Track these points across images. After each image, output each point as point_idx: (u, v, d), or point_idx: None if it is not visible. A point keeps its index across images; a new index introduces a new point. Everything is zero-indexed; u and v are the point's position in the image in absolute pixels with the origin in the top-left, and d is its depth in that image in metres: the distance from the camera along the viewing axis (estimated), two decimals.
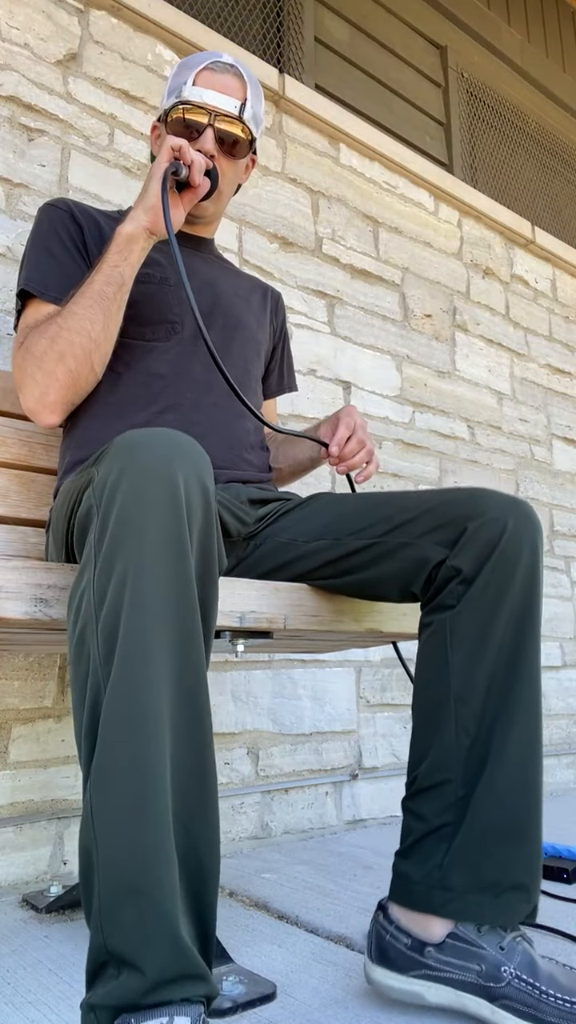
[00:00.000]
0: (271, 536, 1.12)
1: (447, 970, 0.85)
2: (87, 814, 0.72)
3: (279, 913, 1.26)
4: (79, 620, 0.77)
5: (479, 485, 2.46)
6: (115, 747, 0.70)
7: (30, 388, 1.09)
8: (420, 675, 0.96)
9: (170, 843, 0.70)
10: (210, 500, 0.79)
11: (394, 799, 2.00)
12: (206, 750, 0.76)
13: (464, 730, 0.90)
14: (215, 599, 0.81)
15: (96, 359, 1.10)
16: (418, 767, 0.93)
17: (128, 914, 0.68)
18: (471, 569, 0.92)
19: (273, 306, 1.44)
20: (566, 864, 1.46)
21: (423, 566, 0.96)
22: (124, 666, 0.71)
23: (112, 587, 0.73)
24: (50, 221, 1.21)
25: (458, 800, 0.89)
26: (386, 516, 1.01)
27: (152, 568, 0.72)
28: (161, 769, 0.71)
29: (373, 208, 2.38)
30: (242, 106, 1.20)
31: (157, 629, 0.72)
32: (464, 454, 2.46)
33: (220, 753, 1.71)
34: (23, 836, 1.41)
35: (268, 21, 2.29)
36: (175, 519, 0.74)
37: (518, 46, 3.15)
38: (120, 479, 0.75)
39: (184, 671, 0.74)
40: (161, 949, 0.67)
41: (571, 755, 2.52)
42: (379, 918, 0.92)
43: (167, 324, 1.20)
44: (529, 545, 0.92)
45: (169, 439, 0.78)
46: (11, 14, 1.68)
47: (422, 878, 0.88)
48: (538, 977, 0.82)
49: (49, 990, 0.96)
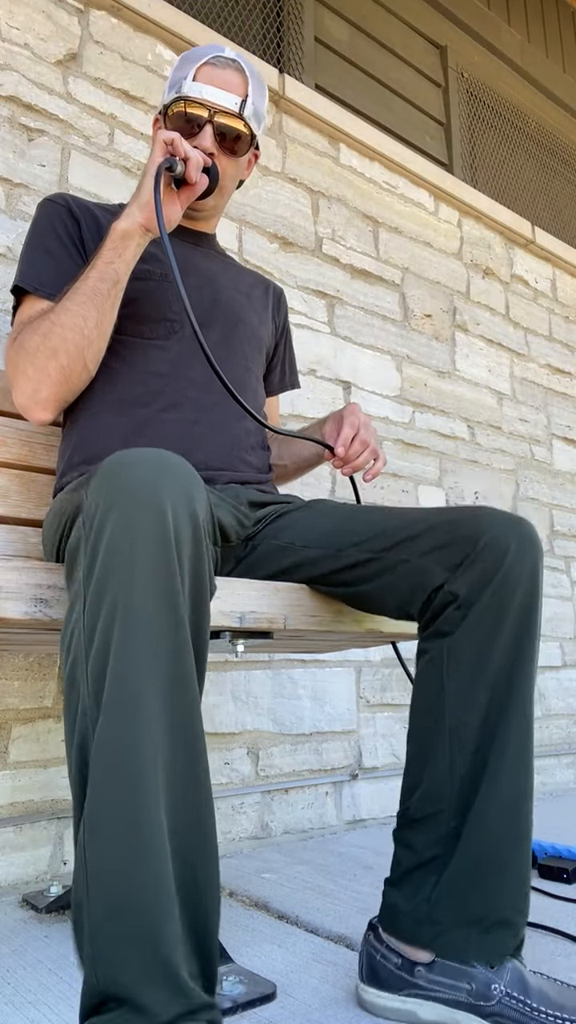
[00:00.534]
0: (269, 538, 1.12)
1: (437, 989, 0.86)
2: (80, 856, 0.70)
3: (279, 913, 1.26)
4: (70, 655, 0.75)
5: (479, 485, 2.46)
6: (106, 791, 0.68)
7: (22, 384, 1.09)
8: (416, 703, 0.96)
9: (169, 884, 0.68)
10: (199, 524, 0.77)
11: (394, 799, 2.00)
12: (202, 787, 0.73)
13: (457, 763, 0.89)
14: (206, 631, 0.79)
15: (89, 356, 1.09)
16: (410, 797, 0.93)
17: (127, 958, 0.66)
18: (469, 595, 0.91)
19: (275, 302, 1.43)
20: (566, 864, 1.46)
21: (422, 587, 0.95)
22: (113, 708, 0.69)
23: (101, 623, 0.71)
24: (47, 217, 1.20)
25: (449, 832, 0.89)
26: (387, 531, 0.99)
27: (141, 603, 0.70)
28: (155, 810, 0.68)
29: (373, 208, 2.38)
30: (243, 102, 1.18)
31: (147, 668, 0.70)
32: (464, 454, 2.46)
33: (220, 753, 1.71)
34: (23, 836, 1.41)
35: (268, 21, 2.29)
36: (164, 550, 0.72)
37: (518, 46, 3.15)
38: (108, 511, 0.73)
39: (177, 709, 0.72)
40: (162, 991, 0.65)
41: (571, 755, 2.52)
42: (370, 939, 0.93)
43: (166, 322, 1.19)
44: (530, 569, 0.91)
45: (156, 462, 0.76)
46: (11, 14, 1.68)
47: (410, 910, 0.89)
48: (528, 994, 0.82)
49: (49, 990, 0.96)
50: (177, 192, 1.10)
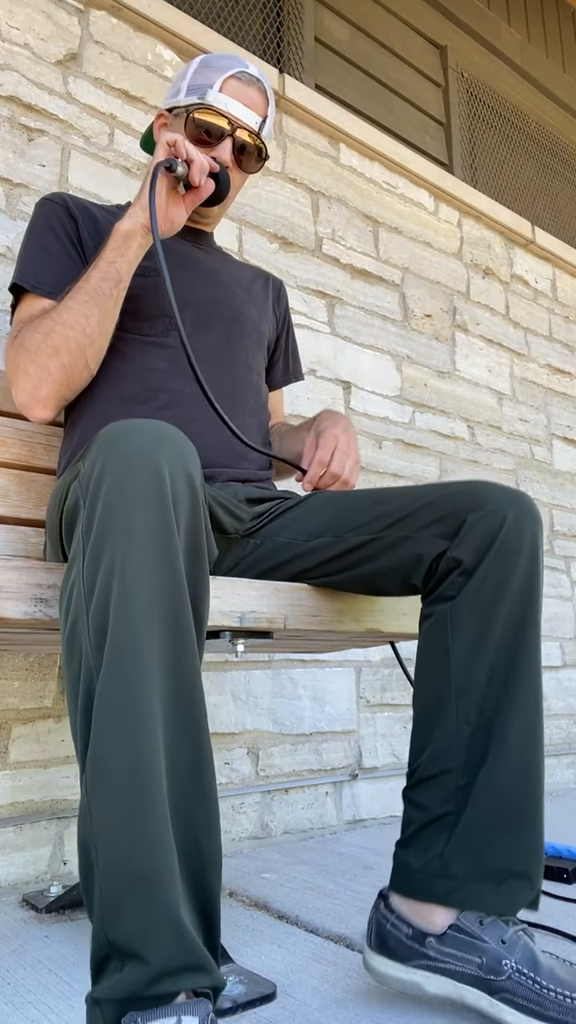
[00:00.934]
0: (270, 536, 1.12)
1: (448, 961, 0.85)
2: (84, 807, 0.71)
3: (279, 913, 1.26)
4: (70, 613, 0.77)
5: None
6: (108, 738, 0.70)
7: (22, 382, 1.09)
8: (421, 666, 0.96)
9: (168, 832, 0.70)
10: (196, 488, 0.79)
11: (394, 799, 2.00)
12: (201, 739, 0.76)
13: (465, 720, 0.90)
14: (206, 587, 0.81)
15: (90, 355, 1.10)
16: (419, 757, 0.93)
17: (129, 905, 0.68)
18: (471, 560, 0.91)
19: (275, 295, 1.44)
20: (566, 864, 1.46)
21: (424, 558, 0.96)
22: (115, 656, 0.71)
23: (100, 579, 0.73)
24: (46, 216, 1.21)
25: (459, 789, 0.89)
26: (386, 511, 1.01)
27: (139, 558, 0.72)
28: (156, 759, 0.70)
29: (373, 208, 2.38)
30: (262, 123, 1.21)
31: (146, 619, 0.72)
32: (464, 454, 2.46)
33: (220, 753, 1.71)
34: (23, 836, 1.41)
35: (268, 21, 2.29)
36: (161, 508, 0.74)
37: (518, 46, 3.15)
38: (105, 470, 0.75)
39: (175, 660, 0.74)
40: (164, 938, 0.67)
41: (571, 755, 2.52)
42: (380, 907, 0.92)
43: (165, 318, 1.20)
44: (529, 536, 0.92)
45: (153, 428, 0.78)
46: (11, 14, 1.69)
47: (423, 867, 0.88)
48: (539, 971, 0.82)
49: (49, 990, 0.96)
50: (183, 195, 1.10)
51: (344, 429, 1.21)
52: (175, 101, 1.22)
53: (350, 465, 1.17)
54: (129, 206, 1.32)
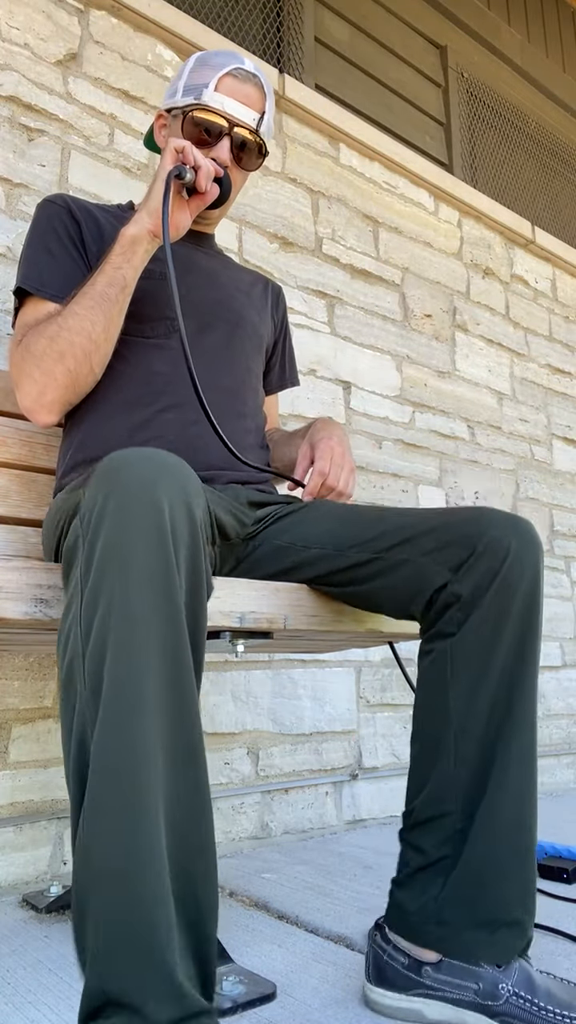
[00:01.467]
0: (270, 538, 1.12)
1: (445, 989, 0.86)
2: (80, 857, 0.69)
3: (279, 913, 1.26)
4: (67, 654, 0.75)
5: (479, 485, 2.46)
6: (105, 790, 0.68)
7: (28, 387, 1.09)
8: (420, 704, 0.95)
9: (166, 886, 0.68)
10: (196, 526, 0.77)
11: (394, 799, 2.00)
12: (202, 787, 0.73)
13: (463, 762, 0.89)
14: (203, 628, 0.78)
15: (96, 360, 1.09)
16: (416, 798, 0.93)
17: (125, 958, 0.66)
18: (472, 595, 0.91)
19: (274, 300, 1.44)
20: (566, 864, 1.46)
21: (424, 588, 0.95)
22: (111, 708, 0.69)
23: (98, 620, 0.71)
24: (48, 218, 1.20)
25: (456, 833, 0.89)
26: (388, 531, 1.00)
27: (138, 600, 0.70)
28: (154, 810, 0.68)
29: (373, 208, 2.38)
30: (260, 119, 1.20)
31: (144, 664, 0.69)
32: (464, 454, 2.46)
33: (220, 753, 1.71)
34: (23, 836, 1.41)
35: (268, 21, 2.29)
36: (161, 547, 0.72)
37: (518, 46, 3.15)
38: (105, 507, 0.73)
39: (174, 706, 0.71)
40: (159, 994, 0.65)
41: (571, 755, 2.52)
42: (376, 938, 0.93)
43: (167, 320, 1.19)
44: (531, 569, 0.91)
45: (154, 461, 0.76)
46: (11, 14, 1.69)
47: (417, 910, 0.89)
48: (536, 993, 0.82)
49: (49, 990, 0.96)
50: (188, 200, 1.10)
51: (339, 440, 1.20)
52: (173, 102, 1.22)
53: (345, 477, 1.17)
54: (131, 206, 1.32)
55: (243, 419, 1.24)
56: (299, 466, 1.20)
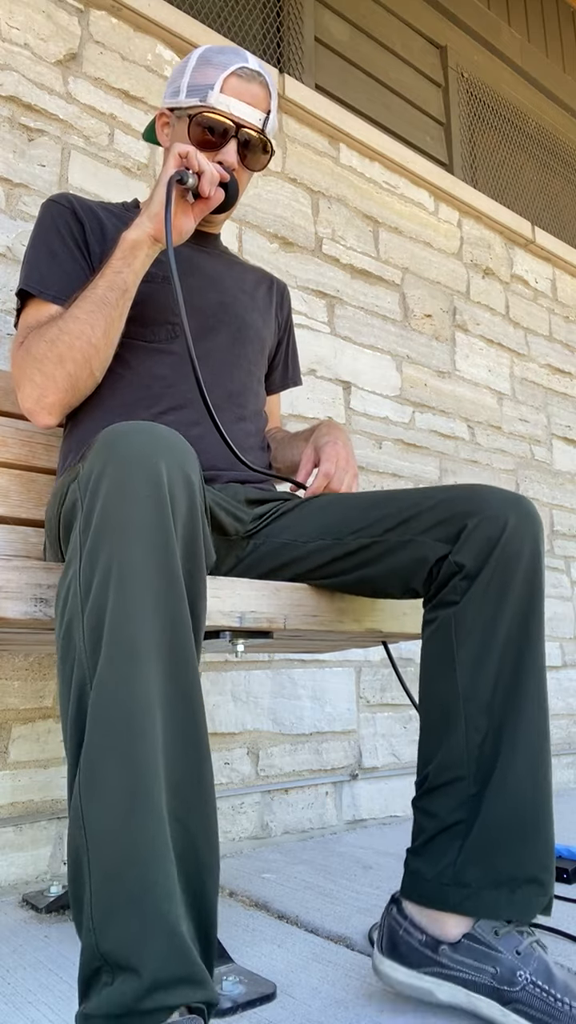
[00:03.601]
0: (270, 536, 1.12)
1: (461, 970, 0.85)
2: (76, 813, 0.69)
3: (279, 913, 1.26)
4: (65, 614, 0.76)
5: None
6: (104, 740, 0.69)
7: (28, 389, 1.09)
8: (426, 673, 0.95)
9: (165, 840, 0.68)
10: (194, 491, 0.78)
11: (394, 799, 2.01)
12: (200, 743, 0.74)
13: (474, 727, 0.90)
14: (203, 590, 0.80)
15: (96, 364, 1.10)
16: (428, 765, 0.93)
17: (122, 914, 0.65)
18: (473, 565, 0.92)
19: (279, 299, 1.43)
20: (566, 864, 1.46)
21: (425, 562, 0.96)
22: (111, 657, 0.70)
23: (97, 579, 0.72)
24: (52, 218, 1.20)
25: (470, 797, 0.89)
26: (386, 514, 1.01)
27: (136, 559, 0.71)
28: (153, 764, 0.69)
29: (373, 208, 2.38)
30: (266, 119, 1.19)
31: (143, 620, 0.71)
32: (464, 454, 2.46)
33: (220, 753, 1.71)
34: (23, 836, 1.41)
35: (268, 21, 2.29)
36: (159, 510, 0.73)
37: (518, 46, 3.15)
38: (104, 472, 0.75)
39: (173, 662, 0.73)
40: (158, 949, 0.65)
41: (571, 755, 2.52)
42: (392, 912, 0.91)
43: (168, 325, 1.19)
44: (530, 541, 0.92)
45: (152, 431, 0.78)
46: (11, 14, 1.68)
47: (435, 875, 0.88)
48: (553, 984, 0.82)
49: (49, 990, 0.96)
50: (192, 205, 1.10)
51: (344, 444, 1.21)
52: (176, 102, 1.20)
53: (348, 481, 1.18)
54: (136, 204, 1.32)
55: (244, 422, 1.24)
56: (302, 469, 1.20)
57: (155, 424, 0.79)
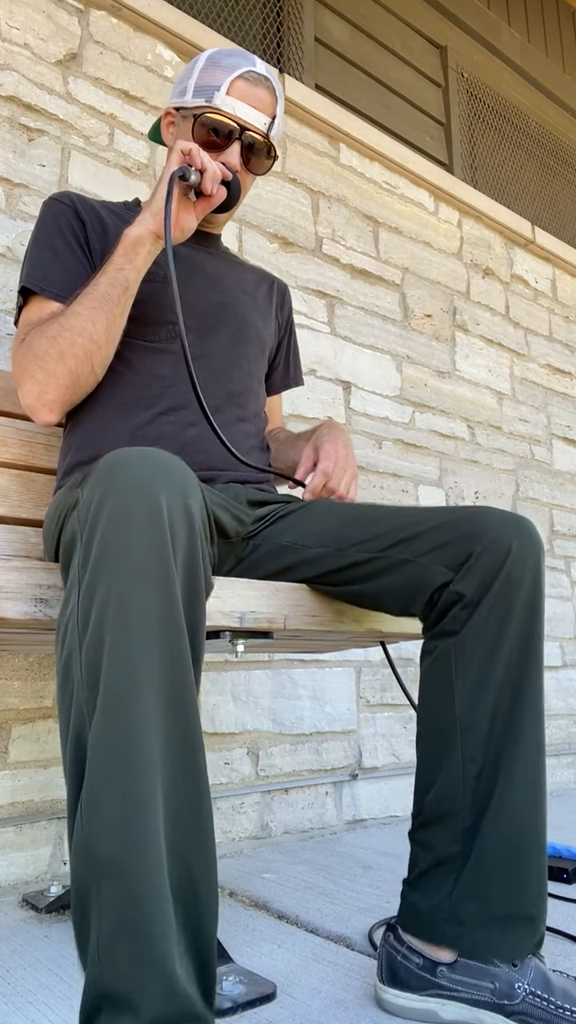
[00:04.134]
0: (270, 538, 1.12)
1: (460, 989, 0.85)
2: (77, 852, 0.69)
3: (279, 913, 1.26)
4: (64, 648, 0.75)
5: (479, 485, 2.46)
6: (104, 781, 0.68)
7: (29, 386, 1.09)
8: (424, 703, 0.95)
9: (164, 879, 0.68)
10: (194, 522, 0.77)
11: (394, 799, 2.01)
12: (199, 778, 0.73)
13: (471, 759, 0.89)
14: (202, 624, 0.78)
15: (97, 361, 1.09)
16: (424, 797, 0.93)
17: (122, 952, 0.65)
18: (475, 594, 0.91)
19: (279, 299, 1.43)
20: (566, 864, 1.46)
21: (425, 586, 0.95)
22: (109, 694, 0.69)
23: (95, 613, 0.71)
24: (53, 217, 1.20)
25: (466, 830, 0.89)
26: (388, 530, 1.00)
27: (135, 592, 0.70)
28: (152, 802, 0.68)
29: (373, 208, 2.38)
30: (271, 123, 1.19)
31: (142, 656, 0.69)
32: (464, 454, 2.46)
33: (220, 753, 1.71)
34: (23, 836, 1.41)
35: (268, 21, 2.29)
36: (158, 542, 0.72)
37: (518, 46, 3.14)
38: (103, 503, 0.73)
39: (172, 699, 0.71)
40: (156, 991, 0.65)
41: (571, 755, 2.52)
42: (389, 939, 0.92)
43: (169, 325, 1.19)
44: (532, 567, 0.91)
45: (152, 459, 0.76)
46: (11, 14, 1.68)
47: (431, 910, 0.88)
48: (552, 992, 0.82)
49: (49, 990, 0.96)
50: (194, 203, 1.10)
51: (344, 444, 1.21)
52: (182, 101, 1.20)
53: (347, 481, 1.18)
54: (136, 203, 1.32)
55: (244, 423, 1.24)
56: (301, 467, 1.20)
57: (156, 451, 0.78)
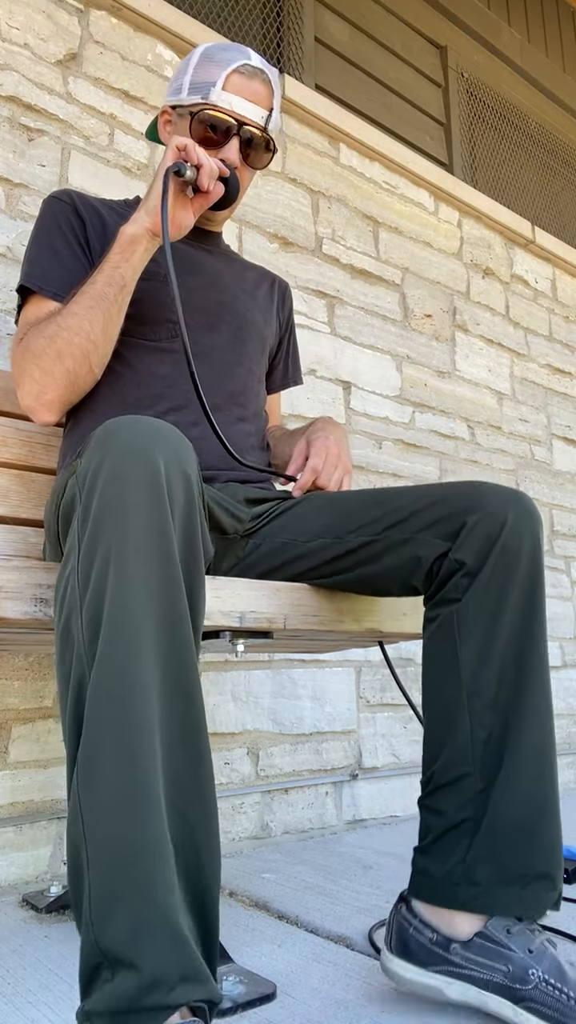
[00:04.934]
0: (269, 536, 1.12)
1: (472, 968, 0.84)
2: (75, 806, 0.69)
3: (279, 913, 1.26)
4: (64, 608, 0.76)
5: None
6: (101, 731, 0.68)
7: (28, 386, 1.09)
8: (429, 671, 0.95)
9: (164, 832, 0.67)
10: (191, 484, 0.78)
11: (394, 799, 2.01)
12: (199, 733, 0.74)
13: (479, 724, 0.89)
14: (201, 582, 0.79)
15: (95, 360, 1.09)
16: (434, 764, 0.92)
17: (121, 909, 0.65)
18: (474, 562, 0.91)
19: (280, 298, 1.43)
20: (566, 864, 1.46)
21: (424, 558, 0.96)
22: (109, 648, 0.70)
23: (95, 571, 0.72)
24: (53, 215, 1.20)
25: (477, 794, 0.88)
26: (385, 512, 1.01)
27: (135, 550, 0.71)
28: (151, 754, 0.68)
29: (373, 208, 2.38)
30: (268, 116, 1.18)
31: (142, 610, 0.70)
32: (464, 454, 2.46)
33: (220, 753, 1.71)
34: (23, 836, 1.41)
35: (268, 21, 2.29)
36: (156, 502, 0.73)
37: (518, 46, 3.15)
38: (101, 465, 0.75)
39: (171, 652, 0.72)
40: (158, 944, 0.64)
41: (571, 755, 2.52)
42: (401, 910, 0.91)
43: (169, 324, 1.19)
44: (530, 536, 0.92)
45: (150, 425, 0.78)
46: (11, 14, 1.69)
47: (445, 874, 0.88)
48: (566, 982, 0.82)
49: (49, 990, 0.96)
50: (192, 199, 1.09)
51: (337, 440, 1.20)
52: (178, 99, 1.20)
53: (338, 477, 1.17)
54: (136, 201, 1.31)
55: (243, 422, 1.24)
56: (293, 463, 1.20)
57: (153, 419, 0.79)
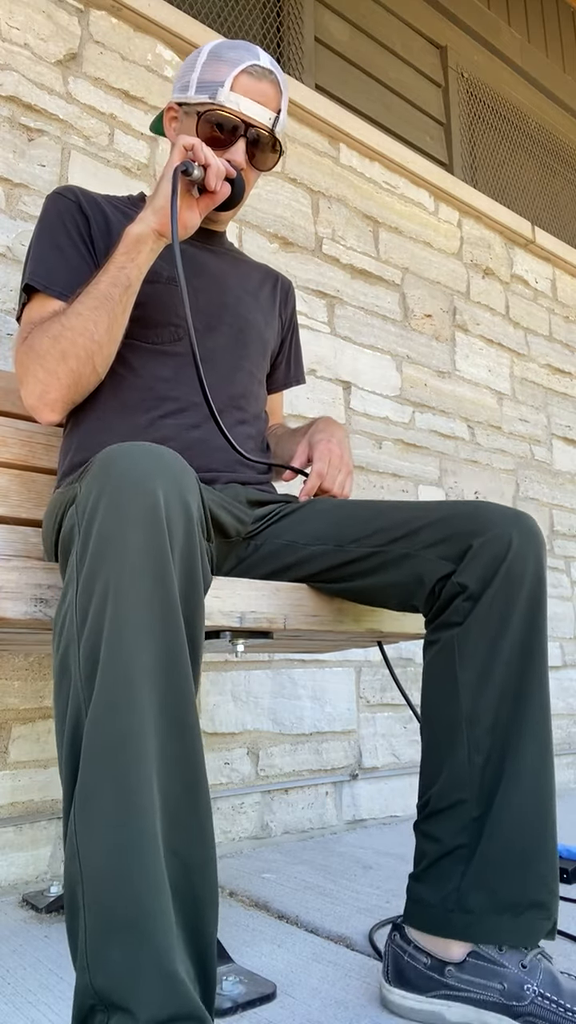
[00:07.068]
0: (271, 537, 1.12)
1: (468, 989, 0.85)
2: (72, 845, 0.67)
3: (279, 913, 1.26)
4: (62, 641, 0.74)
5: (479, 485, 2.46)
6: (97, 771, 0.67)
7: (32, 385, 1.09)
8: (428, 694, 0.95)
9: (161, 873, 0.66)
10: (192, 517, 0.77)
11: (394, 799, 2.01)
12: (197, 772, 0.72)
13: (476, 749, 0.89)
14: (201, 618, 0.78)
15: (98, 360, 1.09)
16: (430, 788, 0.92)
17: (117, 950, 0.63)
18: (477, 586, 0.91)
19: (283, 297, 1.42)
20: (566, 864, 1.46)
21: (426, 579, 0.95)
22: (106, 685, 0.68)
23: (93, 606, 0.71)
24: (58, 212, 1.19)
25: (473, 821, 0.88)
26: (388, 525, 1.00)
27: (133, 585, 0.70)
28: (148, 794, 0.67)
29: (373, 208, 2.38)
30: (276, 118, 1.17)
31: (139, 647, 0.69)
32: (464, 454, 2.46)
33: (220, 753, 1.71)
34: (23, 836, 1.41)
35: (268, 21, 2.29)
36: (156, 536, 0.72)
37: (518, 46, 3.15)
38: (100, 497, 0.73)
39: (169, 691, 0.71)
40: (153, 988, 0.62)
41: (571, 755, 2.52)
42: (395, 939, 0.92)
43: (172, 327, 1.18)
44: (534, 560, 0.92)
45: (150, 454, 0.76)
46: (11, 14, 1.68)
47: (439, 901, 0.88)
48: (561, 994, 0.82)
49: (49, 990, 0.96)
50: (198, 199, 1.08)
51: (339, 442, 1.20)
52: (185, 97, 1.18)
53: (342, 480, 1.17)
54: (141, 198, 1.31)
55: (244, 425, 1.24)
56: (297, 458, 1.20)
57: (153, 446, 0.78)
